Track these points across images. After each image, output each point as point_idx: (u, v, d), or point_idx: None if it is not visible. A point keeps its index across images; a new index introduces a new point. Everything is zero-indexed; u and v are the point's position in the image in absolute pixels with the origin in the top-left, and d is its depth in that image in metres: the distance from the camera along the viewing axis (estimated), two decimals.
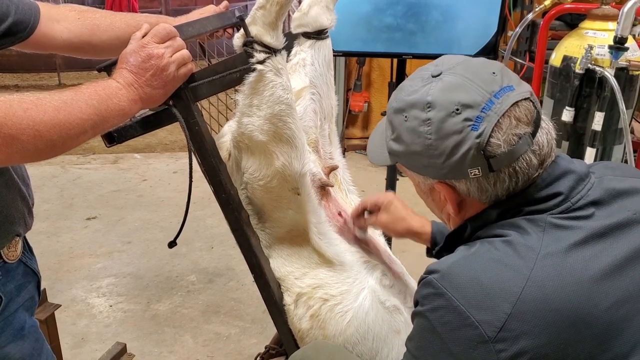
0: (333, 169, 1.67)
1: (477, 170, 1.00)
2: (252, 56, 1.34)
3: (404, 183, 4.59)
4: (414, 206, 4.55)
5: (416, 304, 1.02)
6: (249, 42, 1.34)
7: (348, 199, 1.73)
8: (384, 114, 4.61)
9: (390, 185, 2.74)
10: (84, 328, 2.92)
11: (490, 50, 2.43)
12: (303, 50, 1.65)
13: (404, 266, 1.73)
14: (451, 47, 2.44)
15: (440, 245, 1.19)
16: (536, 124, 1.01)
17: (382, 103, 5.37)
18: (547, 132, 1.03)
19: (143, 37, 1.26)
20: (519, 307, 0.90)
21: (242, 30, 1.37)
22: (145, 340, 2.84)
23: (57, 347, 1.98)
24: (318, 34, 1.65)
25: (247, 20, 1.35)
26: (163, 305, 3.11)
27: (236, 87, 1.42)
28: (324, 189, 1.59)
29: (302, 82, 1.63)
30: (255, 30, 1.34)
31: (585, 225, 0.98)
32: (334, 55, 1.74)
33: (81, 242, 3.76)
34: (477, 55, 2.47)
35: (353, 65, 5.21)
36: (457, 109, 0.98)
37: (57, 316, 2.98)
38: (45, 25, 1.44)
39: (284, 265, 1.50)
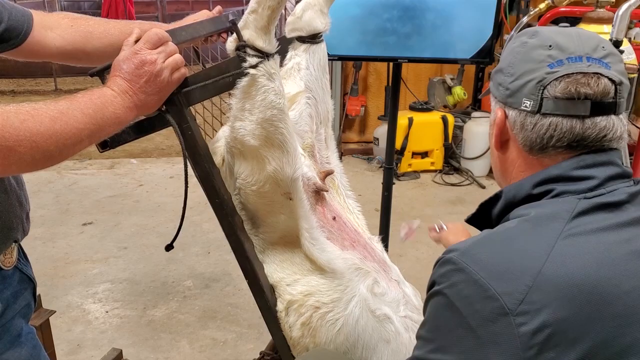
0: (329, 173, 1.66)
1: (528, 103, 1.04)
2: (244, 60, 1.33)
3: (400, 186, 4.59)
4: (411, 210, 4.53)
5: (432, 285, 1.00)
6: (242, 47, 1.33)
7: (345, 204, 1.72)
8: (380, 118, 4.59)
9: (387, 189, 2.73)
10: (79, 334, 2.91)
11: (486, 54, 2.43)
12: (298, 55, 1.65)
13: (401, 271, 1.72)
14: (447, 51, 2.43)
15: (473, 213, 1.19)
16: (606, 105, 1.02)
17: (378, 107, 5.38)
18: (613, 123, 1.03)
19: (135, 42, 1.25)
20: (540, 280, 0.89)
21: (234, 34, 1.36)
22: (142, 346, 2.82)
23: (52, 354, 1.97)
24: (312, 38, 1.64)
25: (240, 24, 1.35)
26: (159, 310, 3.10)
27: (231, 92, 1.41)
28: (319, 193, 1.58)
29: (297, 86, 1.62)
30: (247, 34, 1.33)
31: (614, 214, 0.98)
32: (329, 60, 1.74)
33: (77, 247, 3.75)
34: (472, 59, 2.47)
35: (350, 70, 5.22)
36: (550, 45, 1.04)
37: (52, 322, 2.96)
38: (38, 33, 1.43)
39: (276, 271, 1.49)
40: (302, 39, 1.65)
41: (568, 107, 1.01)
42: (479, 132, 4.93)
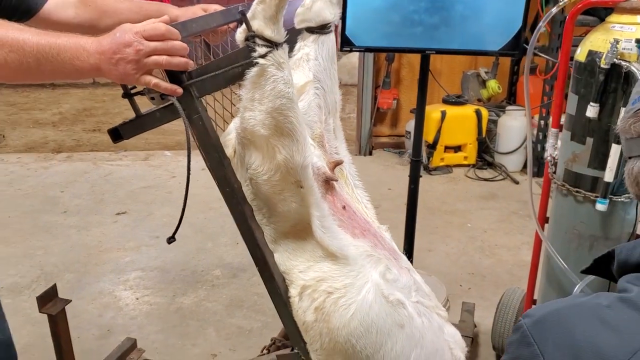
0: (338, 163, 1.68)
1: (621, 143, 0.98)
2: (254, 50, 1.35)
3: (432, 181, 4.56)
4: (442, 205, 4.51)
5: (506, 349, 0.91)
6: (251, 37, 1.36)
7: (354, 194, 1.74)
8: (413, 111, 4.53)
9: (413, 181, 2.72)
10: (110, 320, 2.98)
11: (515, 46, 2.40)
12: (307, 45, 1.68)
13: (430, 266, 1.73)
14: (475, 42, 2.41)
15: (587, 267, 1.05)
16: None
17: (411, 100, 5.33)
18: None
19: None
20: None
21: (244, 25, 1.38)
22: (170, 332, 2.88)
23: (67, 342, 2.01)
24: (321, 29, 1.67)
25: (248, 15, 1.37)
26: (188, 298, 3.16)
27: (241, 82, 1.43)
28: (328, 183, 1.59)
29: (305, 77, 1.64)
30: (256, 24, 1.36)
31: None
32: (355, 51, 1.74)
33: (110, 236, 3.83)
34: (501, 50, 2.44)
35: (382, 62, 5.20)
36: None
37: (84, 308, 3.06)
38: (56, 12, 1.62)
39: (289, 259, 1.51)
40: (311, 30, 1.68)
41: (628, 147, 0.92)
42: (513, 127, 4.87)
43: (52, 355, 2.13)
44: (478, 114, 4.92)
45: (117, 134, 1.39)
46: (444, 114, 4.83)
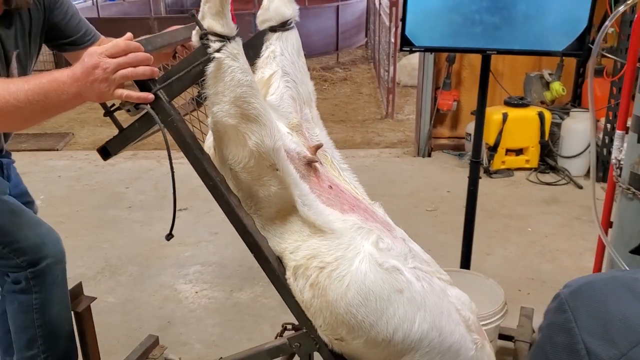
0: (318, 147, 1.73)
1: None
2: (209, 47, 1.42)
3: (492, 184, 4.48)
4: (502, 208, 4.43)
5: (544, 316, 0.94)
6: (204, 35, 1.43)
7: (342, 177, 1.78)
8: (474, 113, 4.49)
9: (473, 183, 2.69)
10: (170, 312, 3.07)
11: (580, 46, 2.34)
12: (272, 43, 1.75)
13: (488, 270, 1.70)
14: (538, 42, 2.37)
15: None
16: None
17: (472, 102, 5.26)
18: None
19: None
20: (637, 351, 0.76)
21: (197, 27, 1.46)
22: (226, 326, 2.94)
23: (92, 337, 2.08)
24: (282, 26, 1.74)
25: (199, 16, 1.44)
26: (244, 294, 3.22)
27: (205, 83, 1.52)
28: (310, 165, 1.65)
29: (273, 71, 1.73)
30: (206, 22, 1.43)
31: None
32: (415, 51, 1.75)
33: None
34: (565, 51, 2.39)
35: (442, 64, 5.15)
36: None
37: (146, 300, 3.16)
38: None
39: (279, 243, 1.56)
40: (273, 29, 1.75)
41: None
42: (578, 130, 4.73)
43: (111, 345, 2.22)
44: (541, 116, 4.80)
45: (106, 152, 1.53)
46: (505, 116, 4.74)
